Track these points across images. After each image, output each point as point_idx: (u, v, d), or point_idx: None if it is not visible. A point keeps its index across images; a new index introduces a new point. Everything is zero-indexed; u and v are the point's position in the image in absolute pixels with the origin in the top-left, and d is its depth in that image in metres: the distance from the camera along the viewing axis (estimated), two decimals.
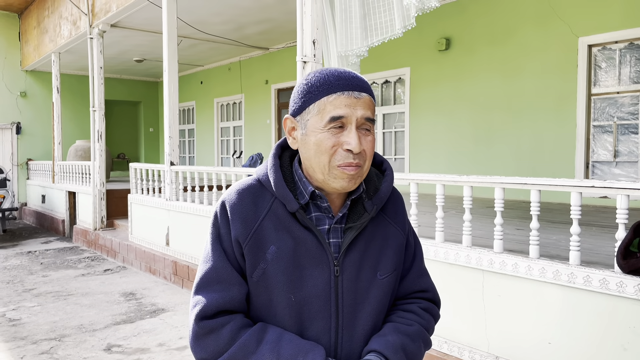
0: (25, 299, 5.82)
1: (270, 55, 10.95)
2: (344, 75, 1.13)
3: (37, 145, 13.42)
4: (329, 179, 1.12)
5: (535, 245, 3.00)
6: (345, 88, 1.10)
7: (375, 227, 1.23)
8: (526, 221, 4.51)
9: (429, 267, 3.51)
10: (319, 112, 1.11)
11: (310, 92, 1.13)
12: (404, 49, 8.14)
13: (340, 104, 1.09)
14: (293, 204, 1.14)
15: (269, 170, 1.19)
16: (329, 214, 1.18)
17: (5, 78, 12.92)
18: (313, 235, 1.15)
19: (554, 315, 2.88)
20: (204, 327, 1.12)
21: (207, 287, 1.15)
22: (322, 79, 1.12)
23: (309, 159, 1.14)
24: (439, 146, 7.80)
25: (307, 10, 4.12)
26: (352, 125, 1.10)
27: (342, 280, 1.16)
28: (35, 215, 12.47)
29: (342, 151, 1.10)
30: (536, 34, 6.59)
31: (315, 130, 1.11)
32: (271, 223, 1.15)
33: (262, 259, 1.14)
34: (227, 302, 1.14)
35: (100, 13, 8.52)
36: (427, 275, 1.36)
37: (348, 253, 1.17)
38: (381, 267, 1.21)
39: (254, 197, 1.18)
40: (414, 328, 1.23)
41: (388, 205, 1.27)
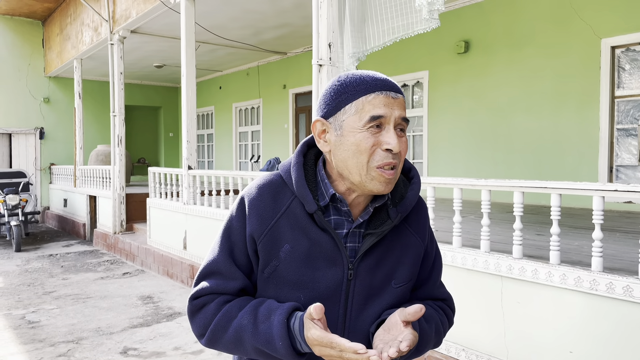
0: (45, 302, 5.89)
1: (288, 60, 10.98)
2: (379, 76, 1.12)
3: (60, 150, 13.65)
4: (366, 180, 1.09)
5: (556, 251, 2.92)
6: (383, 88, 1.10)
7: (396, 235, 1.20)
8: (546, 226, 4.41)
9: (445, 272, 3.46)
10: (357, 112, 1.09)
11: (347, 92, 1.11)
12: (422, 52, 8.07)
13: (379, 104, 1.09)
14: (312, 205, 1.12)
15: (292, 168, 1.17)
16: (349, 218, 1.16)
17: (29, 84, 13.18)
18: (330, 237, 1.14)
19: (575, 323, 2.80)
20: (195, 305, 1.17)
21: (206, 278, 1.19)
22: (358, 79, 1.11)
23: (345, 160, 1.11)
24: (457, 150, 7.71)
25: (323, 13, 4.11)
26: (390, 125, 1.09)
27: (355, 284, 1.15)
28: (57, 218, 12.67)
29: (381, 151, 1.08)
30: (557, 36, 6.47)
31: (353, 130, 1.09)
32: (288, 221, 1.15)
33: (275, 257, 1.14)
34: (221, 289, 1.16)
35: (120, 19, 8.65)
36: (443, 287, 1.35)
37: (364, 258, 1.16)
38: (397, 275, 1.19)
39: (274, 193, 1.17)
40: (430, 312, 1.23)
41: (411, 214, 1.24)
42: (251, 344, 1.10)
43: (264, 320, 1.09)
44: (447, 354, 3.46)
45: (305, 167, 1.19)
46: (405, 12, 3.85)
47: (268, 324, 1.08)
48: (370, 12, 4.00)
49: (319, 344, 1.00)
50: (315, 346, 1.01)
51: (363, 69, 6.43)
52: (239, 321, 1.11)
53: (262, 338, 1.08)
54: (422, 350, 1.18)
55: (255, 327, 1.09)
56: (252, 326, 1.09)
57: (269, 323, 1.08)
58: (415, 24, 3.82)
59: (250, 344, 1.10)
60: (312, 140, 1.22)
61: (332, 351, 0.99)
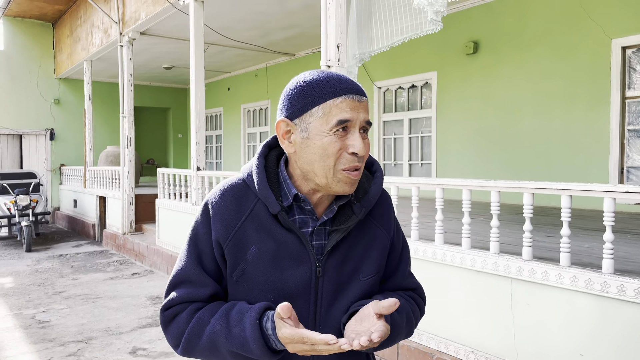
0: (55, 302, 5.94)
1: (297, 61, 10.99)
2: (344, 78, 1.12)
3: (70, 151, 13.76)
4: (332, 182, 1.11)
5: (566, 253, 2.89)
6: (350, 92, 1.10)
7: (361, 229, 1.22)
8: (556, 228, 4.38)
9: (454, 273, 3.44)
10: (324, 115, 1.09)
11: (313, 95, 1.10)
12: (430, 53, 8.05)
13: (347, 108, 1.09)
14: (275, 206, 1.13)
15: (254, 170, 1.18)
16: (313, 217, 1.18)
17: (40, 86, 13.30)
18: (295, 237, 1.15)
19: (586, 325, 2.77)
20: (167, 315, 1.17)
21: (176, 288, 1.19)
22: (324, 81, 1.11)
23: (312, 162, 1.11)
24: (466, 151, 7.68)
25: (332, 14, 4.11)
26: (355, 128, 1.10)
27: (324, 281, 1.16)
28: (67, 219, 12.77)
29: (347, 154, 1.09)
30: (567, 36, 6.43)
31: (320, 134, 1.09)
32: (253, 224, 1.15)
33: (243, 260, 1.14)
34: (192, 298, 1.17)
35: (130, 21, 8.70)
36: (413, 277, 1.36)
37: (331, 255, 1.17)
38: (364, 268, 1.21)
39: (237, 197, 1.18)
40: (401, 302, 1.24)
41: (376, 207, 1.26)
42: (226, 349, 1.10)
43: (237, 323, 1.09)
44: (456, 356, 3.45)
45: (267, 168, 1.19)
46: (412, 13, 3.85)
47: (241, 327, 1.08)
48: (377, 13, 4.00)
49: (290, 341, 1.01)
50: (287, 344, 1.02)
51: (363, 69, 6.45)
52: (212, 327, 1.12)
53: (236, 341, 1.08)
54: (394, 340, 1.20)
55: (229, 332, 1.09)
56: (225, 331, 1.10)
57: (241, 326, 1.08)
58: (422, 25, 3.82)
59: (226, 349, 1.10)
60: (272, 141, 1.23)
61: (305, 346, 1.00)
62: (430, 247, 3.65)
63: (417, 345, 3.68)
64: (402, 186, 3.96)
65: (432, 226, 4.43)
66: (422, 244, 3.71)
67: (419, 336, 3.70)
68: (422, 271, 3.69)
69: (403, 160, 8.76)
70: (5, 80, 12.86)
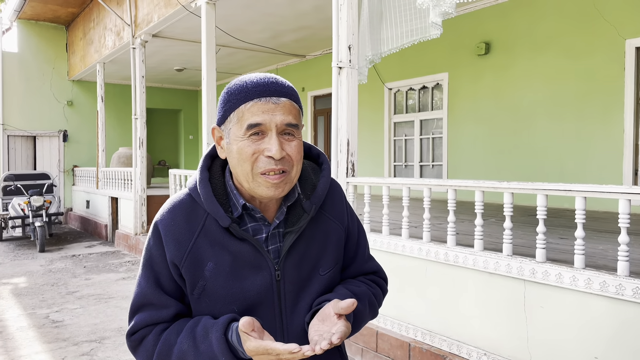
0: (68, 301, 5.99)
1: (307, 63, 11.01)
2: (262, 81, 1.10)
3: (83, 152, 13.89)
4: (254, 186, 1.10)
5: (581, 255, 2.87)
6: (262, 94, 1.08)
7: (315, 225, 1.22)
8: (569, 230, 4.34)
9: (466, 275, 3.42)
10: (239, 121, 1.09)
11: (230, 101, 1.11)
12: (441, 54, 8.02)
13: (258, 111, 1.08)
14: (224, 220, 1.12)
15: (198, 185, 1.16)
16: (265, 222, 1.17)
17: (53, 88, 13.44)
18: (250, 245, 1.14)
19: (601, 328, 2.75)
20: (134, 340, 1.17)
21: (138, 312, 1.18)
22: (240, 86, 1.11)
23: (234, 167, 1.12)
24: (478, 153, 7.64)
25: (343, 16, 4.11)
26: (272, 131, 1.08)
27: (284, 283, 1.17)
28: (79, 220, 12.88)
29: (264, 157, 1.08)
30: (580, 37, 6.38)
31: (236, 139, 1.09)
32: (206, 240, 1.14)
33: (201, 277, 1.13)
34: (155, 320, 1.16)
35: (142, 24, 8.77)
36: (372, 260, 1.37)
37: (289, 256, 1.17)
38: (323, 263, 1.22)
39: (187, 214, 1.16)
40: (360, 289, 1.26)
41: (326, 199, 1.25)
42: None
43: (203, 340, 1.09)
44: (468, 358, 3.43)
45: (213, 180, 1.17)
46: (421, 16, 3.84)
47: (207, 343, 1.08)
48: (387, 14, 3.99)
49: (256, 353, 1.01)
50: (254, 356, 1.02)
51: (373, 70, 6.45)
52: (179, 347, 1.11)
53: (205, 358, 1.08)
54: (358, 326, 1.23)
55: (197, 349, 1.09)
56: (193, 349, 1.09)
57: (208, 342, 1.08)
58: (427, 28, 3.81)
59: None
60: (214, 151, 1.22)
61: (271, 357, 1.00)
62: (442, 248, 3.64)
63: (429, 347, 3.67)
64: (414, 187, 3.95)
65: (444, 228, 4.41)
66: (434, 246, 3.70)
67: (431, 338, 3.69)
68: (434, 273, 3.68)
69: (414, 161, 8.73)
70: (19, 82, 13.02)
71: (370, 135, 9.27)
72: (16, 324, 5.14)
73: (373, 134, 9.31)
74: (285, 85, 1.13)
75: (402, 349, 3.83)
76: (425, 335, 3.73)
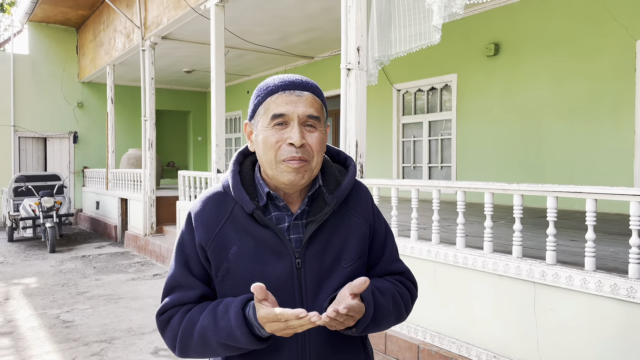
0: (78, 302, 6.04)
1: (315, 64, 11.02)
2: (287, 77, 1.23)
3: (92, 153, 14.00)
4: (277, 173, 1.19)
5: (591, 257, 2.85)
6: (286, 88, 1.20)
7: (339, 219, 1.28)
8: (580, 232, 4.31)
9: (476, 278, 3.41)
10: (265, 112, 1.20)
11: (259, 96, 1.24)
12: (450, 55, 8.00)
13: (282, 102, 1.18)
14: (249, 205, 1.21)
15: (229, 176, 1.28)
16: (288, 212, 1.25)
17: (63, 90, 13.56)
18: (272, 232, 1.22)
19: (612, 331, 2.73)
20: (162, 320, 1.25)
21: (169, 294, 1.27)
22: (268, 83, 1.24)
23: (260, 156, 1.22)
24: (487, 154, 7.60)
25: (352, 17, 4.12)
26: (294, 121, 1.18)
27: (305, 271, 1.22)
28: (89, 220, 12.98)
29: (286, 146, 1.17)
30: (590, 37, 6.33)
31: (263, 129, 1.20)
32: (232, 226, 1.23)
33: (225, 259, 1.22)
34: (183, 300, 1.24)
35: (152, 26, 8.82)
36: (400, 261, 1.41)
37: (309, 246, 1.23)
38: (345, 256, 1.26)
39: (217, 203, 1.26)
40: (385, 285, 1.29)
41: (351, 198, 1.32)
42: (216, 341, 1.16)
43: (223, 316, 1.15)
44: None
45: (242, 174, 1.28)
46: (429, 18, 3.83)
47: (227, 319, 1.14)
48: (396, 16, 3.99)
49: (267, 320, 1.06)
50: (265, 324, 1.07)
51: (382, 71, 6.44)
52: (201, 323, 1.18)
53: (223, 332, 1.14)
54: (381, 321, 1.24)
55: (216, 324, 1.15)
56: (213, 324, 1.16)
57: (227, 317, 1.14)
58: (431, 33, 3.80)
59: (215, 341, 1.16)
60: (247, 149, 1.32)
61: (280, 324, 1.05)
62: (451, 250, 3.63)
63: (438, 350, 3.66)
64: (422, 189, 3.94)
65: (453, 229, 4.40)
66: (443, 248, 3.69)
67: (440, 340, 3.68)
68: (444, 275, 3.67)
69: (422, 163, 8.71)
70: (30, 84, 13.15)
71: (378, 136, 9.26)
72: (27, 324, 5.19)
73: (381, 135, 9.30)
74: (309, 82, 1.24)
75: (411, 350, 3.82)
76: (434, 337, 3.72)
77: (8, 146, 12.98)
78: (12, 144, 13.02)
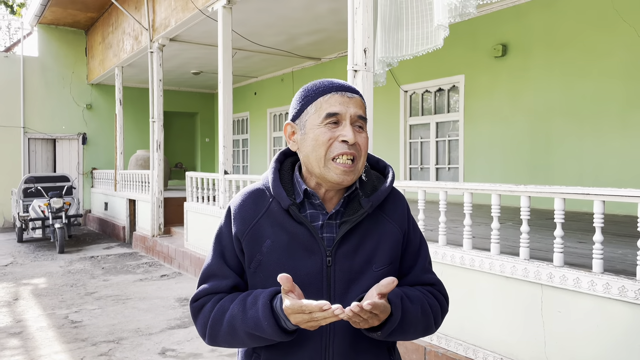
0: (87, 302, 6.08)
1: (322, 66, 11.03)
2: (337, 81, 1.29)
3: (101, 154, 14.09)
4: (325, 171, 1.22)
5: (599, 259, 2.83)
6: (338, 89, 1.25)
7: (373, 223, 1.30)
8: (588, 234, 4.28)
9: (482, 279, 3.39)
10: (317, 111, 1.24)
11: (308, 96, 1.27)
12: (458, 56, 7.98)
13: (335, 102, 1.23)
14: (285, 201, 1.25)
15: (269, 173, 1.33)
16: (323, 211, 1.28)
17: (73, 91, 13.67)
18: (306, 229, 1.25)
19: (620, 334, 2.71)
20: (195, 307, 1.29)
21: (203, 282, 1.32)
22: (317, 84, 1.28)
23: (308, 154, 1.25)
24: (495, 156, 7.57)
25: (359, 19, 4.12)
26: (346, 121, 1.23)
27: (335, 270, 1.24)
28: (98, 221, 13.06)
29: (338, 143, 1.21)
30: (599, 38, 6.30)
31: (313, 127, 1.24)
32: (268, 220, 1.27)
33: (259, 252, 1.26)
34: (216, 289, 1.29)
35: (160, 28, 8.87)
36: (433, 273, 1.41)
37: (341, 245, 1.26)
38: (377, 259, 1.28)
39: (255, 198, 1.31)
40: (415, 293, 1.30)
41: (387, 204, 1.34)
42: (243, 330, 1.19)
43: (251, 306, 1.19)
44: None
45: (282, 172, 1.33)
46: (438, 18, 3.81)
47: (255, 309, 1.18)
48: (403, 17, 3.98)
49: (292, 312, 1.08)
50: (290, 315, 1.09)
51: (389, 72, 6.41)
52: (231, 312, 1.22)
53: (250, 322, 1.17)
54: (407, 329, 1.23)
55: (245, 314, 1.19)
56: (241, 314, 1.19)
57: (255, 308, 1.18)
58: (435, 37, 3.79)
59: (243, 330, 1.19)
60: (289, 150, 1.37)
61: (305, 315, 1.07)
62: (458, 252, 3.62)
63: (444, 352, 3.65)
64: (430, 190, 3.94)
65: (460, 231, 4.38)
66: (450, 249, 3.68)
67: (446, 342, 3.67)
68: (450, 277, 3.66)
69: (430, 164, 8.69)
70: (40, 86, 13.26)
71: (385, 137, 9.25)
72: (36, 324, 5.24)
73: (389, 136, 9.28)
74: (355, 87, 1.30)
75: (417, 352, 3.82)
76: (441, 339, 3.71)
77: (18, 147, 13.10)
78: (22, 145, 13.13)
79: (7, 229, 12.86)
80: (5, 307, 5.90)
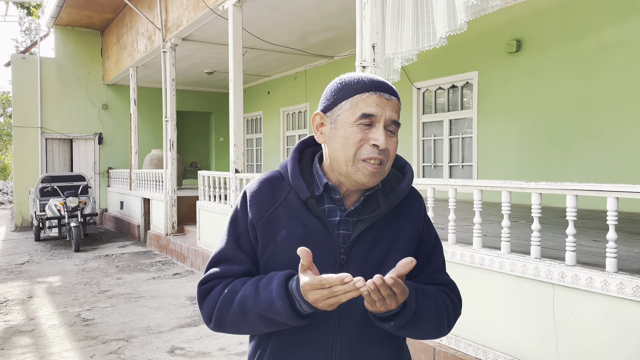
0: (99, 300, 6.12)
1: (335, 64, 10.98)
2: (377, 78, 1.22)
3: (117, 154, 14.23)
4: (352, 171, 1.18)
5: (613, 258, 2.74)
6: (378, 89, 1.19)
7: (389, 223, 1.27)
8: (604, 232, 4.17)
9: (492, 278, 3.32)
10: (351, 108, 1.18)
11: (344, 90, 1.20)
12: (471, 52, 7.87)
13: (372, 102, 1.17)
14: (304, 193, 1.22)
15: (288, 162, 1.29)
16: (341, 207, 1.24)
17: (89, 92, 13.82)
18: (323, 224, 1.22)
19: (633, 335, 2.62)
20: (203, 290, 1.25)
21: (215, 266, 1.27)
22: (356, 79, 1.21)
23: (335, 151, 1.20)
24: (509, 153, 7.45)
25: (367, 14, 4.06)
26: (380, 124, 1.17)
27: (348, 268, 1.21)
28: (114, 220, 13.19)
29: (368, 146, 1.17)
30: (615, 32, 6.14)
31: (345, 125, 1.18)
32: (285, 210, 1.24)
33: (273, 241, 1.22)
34: (227, 273, 1.25)
35: (172, 27, 8.91)
36: (446, 274, 1.37)
37: (356, 243, 1.22)
38: (390, 260, 1.23)
39: (273, 186, 1.28)
40: (429, 289, 1.26)
41: (405, 204, 1.31)
42: (254, 311, 1.14)
43: (265, 287, 1.15)
44: None
45: (302, 162, 1.29)
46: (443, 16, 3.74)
47: (269, 290, 1.13)
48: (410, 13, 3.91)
49: (311, 288, 1.03)
50: (308, 292, 1.04)
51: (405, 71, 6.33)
52: (242, 293, 1.17)
53: (263, 303, 1.13)
54: (421, 324, 1.19)
55: (257, 295, 1.15)
56: (254, 294, 1.15)
57: (269, 289, 1.13)
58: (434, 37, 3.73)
59: (254, 312, 1.14)
60: (309, 139, 1.34)
61: (324, 291, 1.03)
62: (468, 250, 3.54)
63: (454, 352, 3.58)
64: (439, 188, 3.87)
65: (471, 229, 4.31)
66: (460, 248, 3.61)
67: (456, 342, 3.60)
68: (460, 276, 3.59)
69: (443, 162, 8.59)
70: (56, 86, 13.43)
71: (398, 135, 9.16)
72: (48, 322, 5.28)
73: (401, 134, 9.19)
74: (394, 88, 1.24)
75: (426, 353, 3.75)
76: (451, 340, 3.65)
77: (35, 147, 13.28)
78: (40, 145, 13.31)
79: (25, 227, 13.05)
80: (19, 305, 5.97)
